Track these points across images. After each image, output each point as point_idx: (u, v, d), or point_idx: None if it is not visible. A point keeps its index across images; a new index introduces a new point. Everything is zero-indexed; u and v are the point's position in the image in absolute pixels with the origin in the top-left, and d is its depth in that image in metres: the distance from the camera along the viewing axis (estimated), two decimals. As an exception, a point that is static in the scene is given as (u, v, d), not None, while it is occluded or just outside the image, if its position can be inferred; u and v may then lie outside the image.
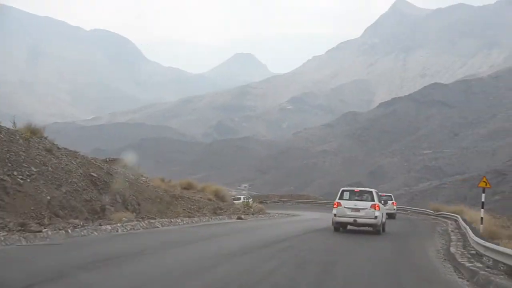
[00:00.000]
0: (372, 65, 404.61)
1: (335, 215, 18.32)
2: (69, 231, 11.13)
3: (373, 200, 18.33)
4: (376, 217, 17.97)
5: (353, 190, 19.28)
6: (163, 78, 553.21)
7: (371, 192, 18.95)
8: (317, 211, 42.16)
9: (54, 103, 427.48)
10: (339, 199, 18.55)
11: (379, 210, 18.21)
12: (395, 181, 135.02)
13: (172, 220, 16.39)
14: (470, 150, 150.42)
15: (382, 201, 19.55)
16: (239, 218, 22.28)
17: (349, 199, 18.53)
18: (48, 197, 13.07)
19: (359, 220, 18.07)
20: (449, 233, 20.02)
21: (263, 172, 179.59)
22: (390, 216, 27.71)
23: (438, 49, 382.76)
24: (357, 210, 18.00)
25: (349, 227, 18.96)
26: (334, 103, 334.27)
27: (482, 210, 19.21)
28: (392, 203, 31.62)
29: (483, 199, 19.07)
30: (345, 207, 18.15)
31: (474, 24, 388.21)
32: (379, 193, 21.70)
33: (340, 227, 18.62)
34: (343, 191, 19.14)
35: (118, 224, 13.22)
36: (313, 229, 19.07)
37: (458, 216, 24.47)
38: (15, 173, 13.30)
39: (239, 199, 41.16)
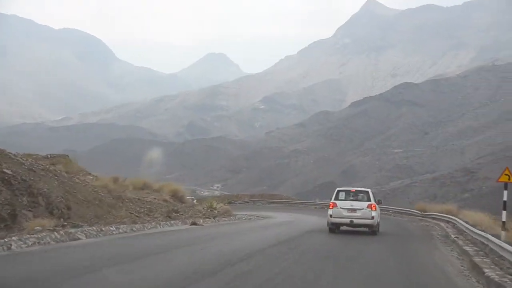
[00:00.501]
0: (344, 65, 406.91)
1: (330, 216, 17.99)
2: None
3: (369, 200, 18.04)
4: (373, 217, 17.69)
5: (348, 190, 18.98)
6: (134, 78, 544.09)
7: (367, 192, 18.66)
8: (290, 211, 39.57)
9: (23, 104, 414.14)
10: (334, 199, 18.20)
11: (375, 210, 17.90)
12: (367, 180, 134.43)
13: (103, 229, 12.98)
14: (440, 149, 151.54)
15: (377, 201, 18.90)
16: (194, 223, 19.28)
17: (345, 199, 18.25)
18: None
19: (356, 221, 17.78)
20: (453, 240, 16.63)
21: (235, 172, 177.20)
22: None
23: (408, 49, 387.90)
24: (354, 210, 17.73)
25: (344, 227, 18.38)
26: (306, 103, 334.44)
27: (504, 212, 14.51)
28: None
29: (505, 198, 14.47)
30: (341, 208, 17.85)
31: (442, 24, 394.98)
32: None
33: (335, 228, 18.21)
34: (338, 191, 18.78)
35: (14, 238, 9.91)
36: (285, 238, 15.16)
37: (456, 218, 21.45)
38: None
39: None
